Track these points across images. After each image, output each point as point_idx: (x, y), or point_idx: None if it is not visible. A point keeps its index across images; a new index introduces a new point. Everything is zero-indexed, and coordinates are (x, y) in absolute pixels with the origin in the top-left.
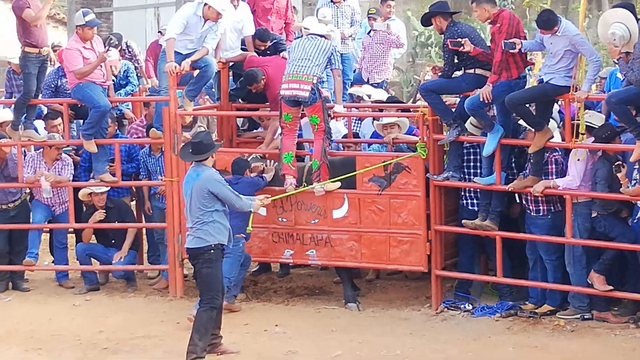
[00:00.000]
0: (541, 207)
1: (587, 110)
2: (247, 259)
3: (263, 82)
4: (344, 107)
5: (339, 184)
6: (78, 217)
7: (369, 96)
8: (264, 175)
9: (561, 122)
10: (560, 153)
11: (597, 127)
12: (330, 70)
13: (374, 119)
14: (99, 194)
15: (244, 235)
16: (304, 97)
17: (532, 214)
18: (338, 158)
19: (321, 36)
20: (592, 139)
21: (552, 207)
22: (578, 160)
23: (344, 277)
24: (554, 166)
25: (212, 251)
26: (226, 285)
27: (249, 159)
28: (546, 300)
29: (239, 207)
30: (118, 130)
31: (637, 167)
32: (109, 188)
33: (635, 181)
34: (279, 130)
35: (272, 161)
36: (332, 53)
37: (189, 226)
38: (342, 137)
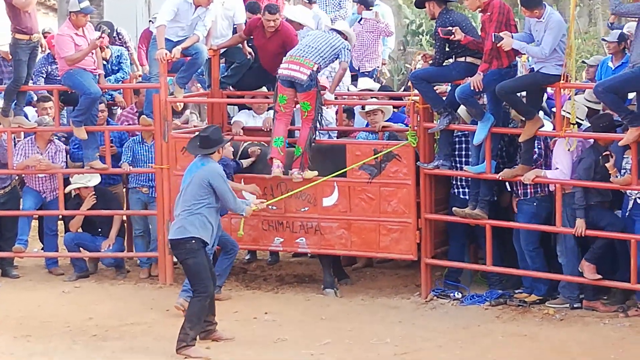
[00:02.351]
0: (528, 190)
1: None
2: (234, 248)
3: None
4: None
5: (316, 172)
6: (67, 204)
7: (355, 85)
8: (239, 160)
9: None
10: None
11: (582, 121)
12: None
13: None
14: (87, 188)
15: None
16: (300, 79)
17: (520, 197)
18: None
19: (339, 33)
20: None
21: (538, 189)
22: (568, 150)
23: (325, 262)
24: (539, 157)
25: (194, 242)
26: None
27: (243, 146)
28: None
29: (233, 208)
30: (108, 118)
31: (626, 156)
32: (98, 182)
33: (624, 171)
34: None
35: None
36: (341, 50)
37: (176, 214)
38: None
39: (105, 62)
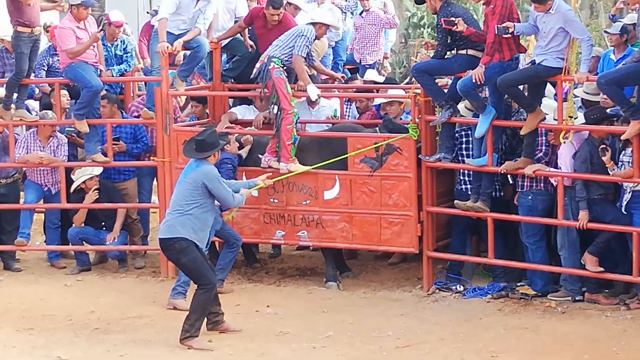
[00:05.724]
0: (525, 183)
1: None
2: (237, 241)
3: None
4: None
5: (306, 167)
6: (70, 198)
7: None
8: (240, 152)
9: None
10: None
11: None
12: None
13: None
14: (91, 178)
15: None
16: (255, 74)
17: (518, 190)
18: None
19: (313, 24)
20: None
21: (534, 184)
22: (564, 142)
23: (327, 255)
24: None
25: (183, 242)
26: None
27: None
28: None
29: (233, 205)
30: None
31: (623, 150)
32: (100, 172)
33: (621, 163)
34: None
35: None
36: (296, 39)
37: (168, 212)
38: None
39: (110, 45)
